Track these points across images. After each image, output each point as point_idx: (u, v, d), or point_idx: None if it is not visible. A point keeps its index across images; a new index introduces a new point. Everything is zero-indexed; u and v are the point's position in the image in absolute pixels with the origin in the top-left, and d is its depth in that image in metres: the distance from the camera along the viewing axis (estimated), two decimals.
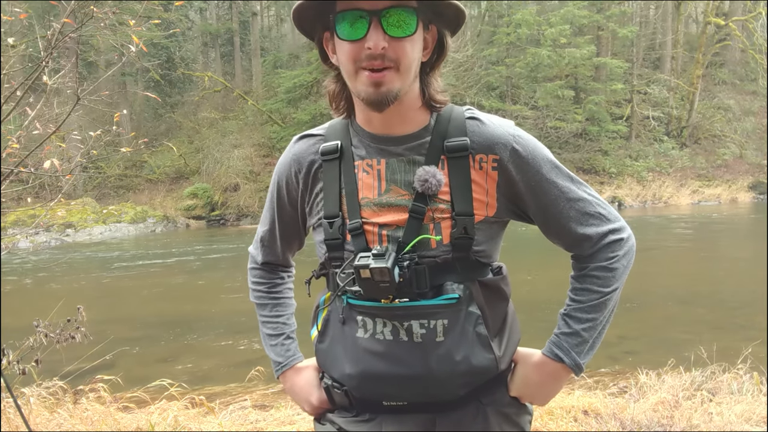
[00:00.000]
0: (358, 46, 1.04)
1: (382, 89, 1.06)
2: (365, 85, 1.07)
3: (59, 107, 3.84)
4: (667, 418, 3.18)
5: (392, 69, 1.05)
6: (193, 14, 30.19)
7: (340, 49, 1.09)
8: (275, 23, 35.18)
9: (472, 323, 1.13)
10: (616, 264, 1.16)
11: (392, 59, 1.05)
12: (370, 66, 1.05)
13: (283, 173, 1.27)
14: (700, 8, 27.61)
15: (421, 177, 1.10)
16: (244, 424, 3.39)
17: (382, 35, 1.03)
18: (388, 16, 1.03)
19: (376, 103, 1.08)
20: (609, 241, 1.17)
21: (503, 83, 24.09)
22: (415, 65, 1.09)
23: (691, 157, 24.02)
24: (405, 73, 1.07)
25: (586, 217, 1.17)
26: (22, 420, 2.59)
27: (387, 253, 1.08)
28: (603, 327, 1.19)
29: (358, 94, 1.10)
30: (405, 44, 1.05)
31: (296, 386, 1.32)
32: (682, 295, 7.58)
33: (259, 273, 1.41)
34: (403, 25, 1.04)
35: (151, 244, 15.93)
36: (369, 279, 1.07)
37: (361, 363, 1.15)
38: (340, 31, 1.06)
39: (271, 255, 1.39)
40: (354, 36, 1.04)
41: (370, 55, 1.04)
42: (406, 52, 1.05)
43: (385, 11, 1.02)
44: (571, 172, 1.20)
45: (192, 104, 26.33)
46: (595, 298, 1.16)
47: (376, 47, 1.03)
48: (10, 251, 13.78)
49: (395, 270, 1.07)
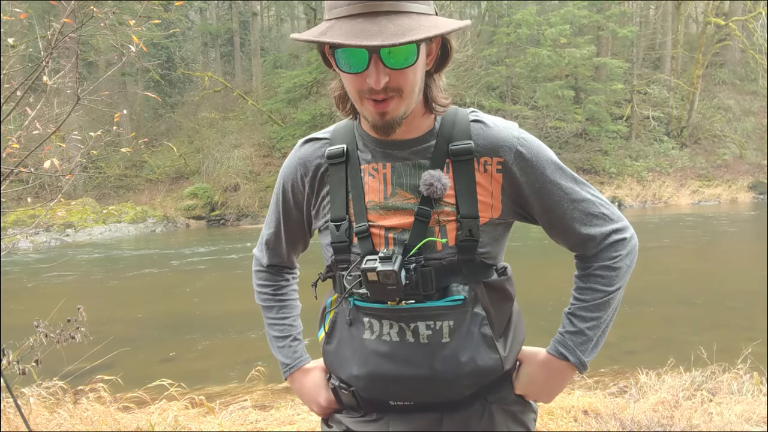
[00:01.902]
0: (360, 79, 1.04)
1: (387, 117, 1.07)
2: (371, 113, 1.08)
3: (59, 107, 3.84)
4: (667, 418, 3.18)
5: (395, 97, 1.06)
6: (193, 14, 30.20)
7: (343, 78, 1.10)
8: (275, 23, 35.19)
9: (478, 324, 1.14)
10: (620, 263, 1.18)
11: (394, 89, 1.05)
12: (373, 97, 1.05)
13: (289, 177, 1.27)
14: (700, 8, 27.59)
15: (427, 181, 1.11)
16: (244, 424, 3.39)
17: (383, 69, 1.03)
18: (387, 52, 1.02)
19: (382, 129, 1.10)
20: (612, 240, 1.19)
21: (503, 83, 24.09)
22: (418, 85, 1.10)
23: (691, 157, 24.02)
24: (409, 98, 1.08)
25: (589, 217, 1.19)
26: (22, 420, 2.59)
27: (394, 256, 1.09)
28: (607, 326, 1.21)
29: (365, 118, 1.12)
30: (407, 73, 1.05)
31: (304, 387, 1.33)
32: (682, 295, 7.58)
33: (265, 275, 1.42)
34: (404, 57, 1.03)
35: (151, 244, 15.94)
36: (376, 282, 1.08)
37: (369, 364, 1.16)
38: (341, 64, 1.05)
39: (277, 257, 1.40)
40: (355, 70, 1.04)
41: (371, 90, 1.04)
42: (408, 80, 1.05)
43: (384, 48, 1.01)
44: (574, 172, 1.22)
45: (192, 104, 26.32)
46: (599, 297, 1.18)
47: (377, 84, 1.02)
48: (10, 251, 13.78)
49: (402, 273, 1.08)
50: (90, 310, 3.42)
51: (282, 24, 34.83)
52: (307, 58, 24.61)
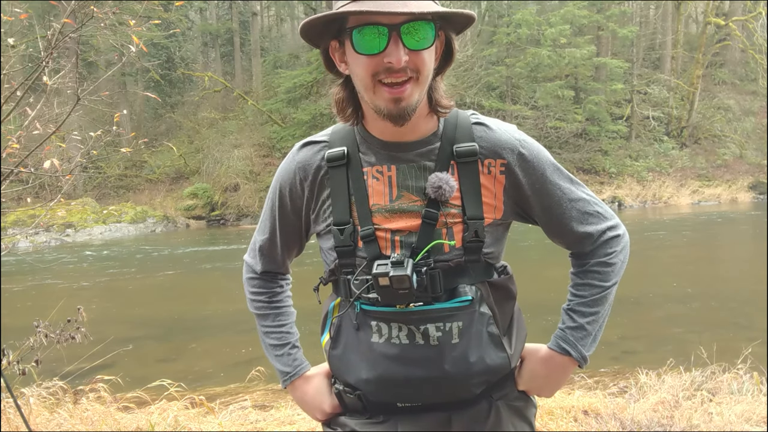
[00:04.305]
0: (377, 60, 1.04)
1: (402, 104, 1.07)
2: (385, 101, 1.07)
3: (59, 107, 3.84)
4: (667, 418, 3.18)
5: (413, 80, 1.06)
6: (193, 14, 30.19)
7: (355, 62, 1.08)
8: (275, 23, 35.18)
9: (485, 324, 1.16)
10: (615, 259, 1.22)
11: (413, 70, 1.05)
12: (390, 79, 1.05)
13: (287, 181, 1.25)
14: (700, 8, 27.62)
15: (435, 184, 1.12)
16: (244, 424, 3.39)
17: (403, 48, 1.03)
18: (407, 29, 1.03)
19: (396, 117, 1.09)
20: (607, 237, 1.23)
21: (503, 83, 24.09)
22: (431, 75, 1.10)
23: (691, 157, 24.03)
24: (423, 84, 1.08)
25: (586, 216, 1.22)
26: (22, 420, 2.59)
27: (405, 260, 1.09)
28: (604, 320, 1.24)
29: (377, 108, 1.10)
30: (425, 55, 1.06)
31: (307, 395, 1.31)
32: (682, 295, 7.57)
33: (258, 282, 1.38)
34: (423, 37, 1.04)
35: (151, 244, 15.94)
36: (388, 287, 1.08)
37: (378, 367, 1.16)
38: (358, 45, 1.05)
39: (271, 263, 1.37)
40: (373, 50, 1.04)
41: (390, 68, 1.04)
42: (425, 63, 1.06)
43: (404, 25, 1.02)
44: (569, 173, 1.24)
45: (192, 104, 26.34)
46: (597, 292, 1.21)
47: (399, 62, 1.03)
48: (10, 251, 13.79)
49: (414, 277, 1.08)
50: (90, 310, 3.42)
51: (282, 24, 34.82)
52: (307, 58, 24.61)
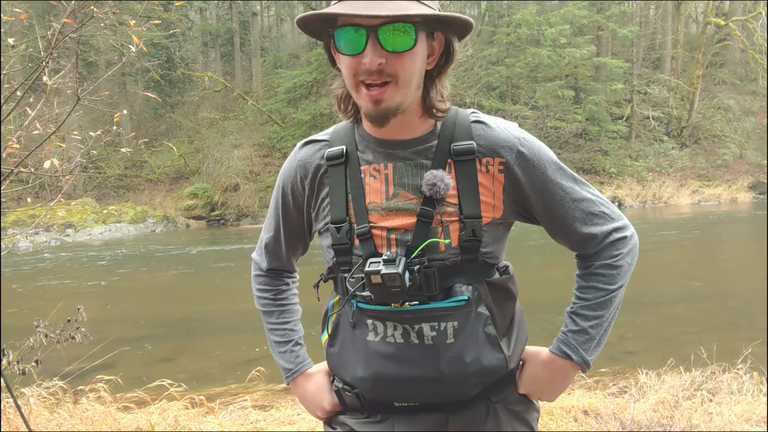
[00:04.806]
0: (357, 61, 1.04)
1: (381, 106, 1.06)
2: (365, 101, 1.07)
3: (59, 107, 3.83)
4: (667, 418, 3.18)
5: (391, 84, 1.05)
6: (193, 14, 30.19)
7: (341, 62, 1.10)
8: (275, 23, 35.19)
9: (482, 324, 1.14)
10: (621, 261, 1.18)
11: (390, 74, 1.04)
12: (368, 80, 1.05)
13: (288, 179, 1.27)
14: (700, 8, 27.62)
15: (430, 181, 1.11)
16: (244, 424, 3.39)
17: (380, 51, 1.02)
18: (385, 32, 1.02)
19: (376, 118, 1.09)
20: (613, 239, 1.19)
21: (503, 83, 24.10)
22: (416, 78, 1.09)
23: (691, 157, 24.04)
24: (404, 87, 1.07)
25: (590, 216, 1.19)
26: (22, 420, 2.59)
27: (397, 258, 1.08)
28: (609, 324, 1.21)
29: (360, 107, 1.11)
30: (404, 59, 1.04)
31: (308, 392, 1.32)
32: (682, 295, 7.57)
33: (265, 280, 1.40)
34: (401, 40, 1.02)
35: (151, 244, 15.94)
36: (380, 284, 1.08)
37: (373, 366, 1.15)
38: (339, 45, 1.06)
39: (276, 261, 1.38)
40: (352, 51, 1.04)
41: (367, 71, 1.04)
42: (404, 66, 1.05)
43: (382, 26, 1.01)
44: (573, 172, 1.22)
45: (192, 104, 26.34)
46: (601, 295, 1.18)
47: (372, 64, 1.02)
48: (10, 251, 13.78)
49: (406, 275, 1.07)
50: (90, 310, 3.42)
51: (282, 24, 34.82)
52: (307, 58, 24.63)
